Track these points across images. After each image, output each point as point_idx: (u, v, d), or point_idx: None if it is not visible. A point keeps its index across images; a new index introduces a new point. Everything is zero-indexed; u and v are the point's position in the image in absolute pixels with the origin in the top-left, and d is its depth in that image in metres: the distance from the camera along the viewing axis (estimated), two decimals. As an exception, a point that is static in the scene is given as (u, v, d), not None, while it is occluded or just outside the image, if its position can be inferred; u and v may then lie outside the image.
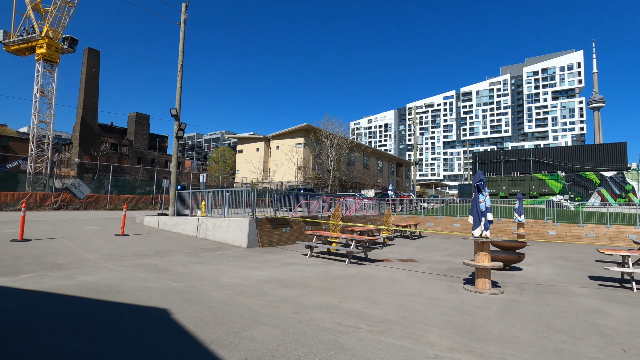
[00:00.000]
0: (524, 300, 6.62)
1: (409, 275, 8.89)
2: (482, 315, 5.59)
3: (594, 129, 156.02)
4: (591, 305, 6.42)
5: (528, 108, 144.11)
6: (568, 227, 18.23)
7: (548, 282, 8.48)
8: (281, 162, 51.04)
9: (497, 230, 20.02)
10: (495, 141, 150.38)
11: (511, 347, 4.32)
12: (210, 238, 13.77)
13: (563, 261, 11.94)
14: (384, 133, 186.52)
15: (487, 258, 7.28)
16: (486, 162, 44.90)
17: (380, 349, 4.08)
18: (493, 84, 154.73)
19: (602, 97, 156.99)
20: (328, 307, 5.78)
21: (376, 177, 67.35)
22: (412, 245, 15.83)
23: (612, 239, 17.06)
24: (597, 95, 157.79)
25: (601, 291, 7.57)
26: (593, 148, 38.99)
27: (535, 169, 40.83)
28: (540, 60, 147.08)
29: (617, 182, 30.86)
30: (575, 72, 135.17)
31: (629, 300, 6.84)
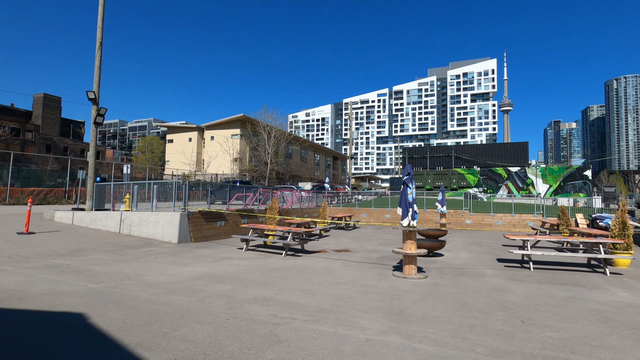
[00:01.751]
0: (445, 283, 7.29)
1: (344, 265, 9.21)
2: (408, 299, 6.03)
3: (503, 129, 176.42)
4: (498, 284, 7.31)
5: (451, 108, 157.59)
6: (481, 217, 20.46)
7: (464, 265, 9.44)
8: (216, 153, 49.02)
9: (423, 220, 21.68)
10: (423, 138, 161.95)
11: (432, 325, 4.73)
12: (135, 234, 12.74)
13: (477, 247, 13.36)
14: (321, 127, 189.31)
15: (413, 246, 7.85)
16: (414, 157, 48.27)
17: (315, 337, 4.18)
18: (422, 84, 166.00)
19: (511, 101, 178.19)
20: (264, 300, 5.75)
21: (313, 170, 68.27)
22: (347, 236, 16.41)
23: (516, 225, 19.58)
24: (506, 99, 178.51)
25: (506, 271, 8.65)
26: (502, 146, 44.25)
27: (455, 164, 45.04)
28: (461, 65, 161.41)
29: (521, 177, 35.50)
30: (489, 78, 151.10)
31: (527, 278, 7.92)
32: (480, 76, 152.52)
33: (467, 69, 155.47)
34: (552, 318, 5.14)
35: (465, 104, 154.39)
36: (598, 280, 7.70)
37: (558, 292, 6.68)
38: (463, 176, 39.25)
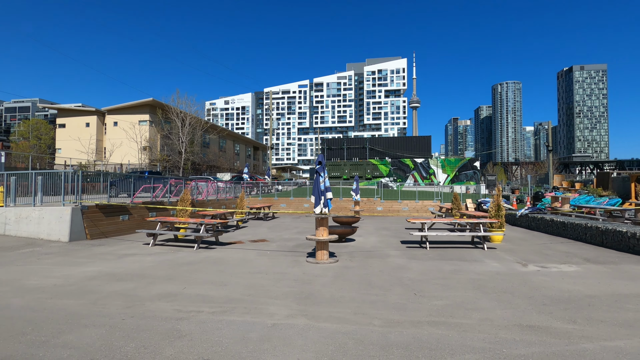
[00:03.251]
0: (353, 266, 7.78)
1: (259, 254, 9.19)
2: (319, 283, 6.29)
3: (412, 124, 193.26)
4: (399, 263, 8.07)
5: (367, 103, 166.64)
6: (391, 204, 22.26)
7: (373, 248, 10.19)
8: (120, 141, 44.09)
9: (339, 208, 22.73)
10: (342, 130, 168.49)
11: (338, 305, 5.03)
12: (12, 234, 10.85)
13: (385, 231, 14.51)
14: (241, 116, 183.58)
15: (325, 232, 8.19)
16: (332, 148, 50.07)
17: (221, 328, 4.11)
18: (340, 78, 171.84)
19: (419, 99, 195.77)
20: (169, 295, 5.44)
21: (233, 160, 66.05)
22: (265, 226, 16.37)
23: (419, 211, 21.78)
24: (415, 97, 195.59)
25: (407, 252, 9.59)
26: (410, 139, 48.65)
27: (370, 155, 48.06)
28: (377, 62, 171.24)
29: (425, 167, 39.56)
30: (400, 76, 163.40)
31: (424, 256, 8.91)
32: (393, 74, 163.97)
33: (381, 66, 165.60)
34: (439, 289, 5.88)
35: (380, 99, 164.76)
36: (478, 255, 9.03)
37: (446, 266, 7.66)
38: (376, 166, 42.10)
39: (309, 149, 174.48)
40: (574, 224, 11.43)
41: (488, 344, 3.72)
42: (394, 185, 34.73)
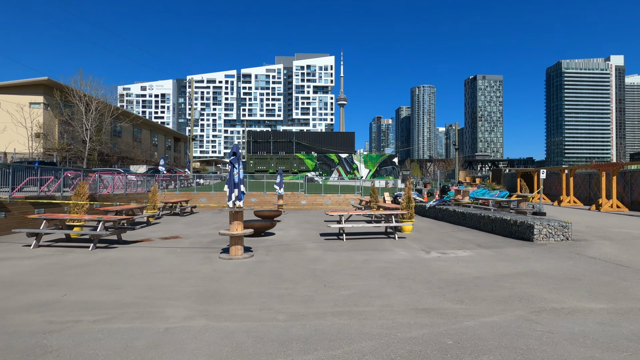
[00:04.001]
0: (268, 260, 7.60)
1: (168, 252, 8.47)
2: (228, 280, 5.97)
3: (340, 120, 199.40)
4: (315, 255, 8.12)
5: (296, 97, 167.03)
6: (314, 197, 22.58)
7: (292, 242, 10.12)
8: (4, 125, 37.27)
9: (263, 202, 22.33)
10: (270, 123, 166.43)
11: (244, 302, 4.80)
12: None
13: (307, 224, 14.61)
14: (161, 104, 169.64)
15: (240, 226, 7.85)
16: (259, 142, 49.09)
17: (101, 338, 3.59)
18: (269, 70, 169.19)
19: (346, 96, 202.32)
20: (44, 304, 4.63)
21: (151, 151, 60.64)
22: (181, 221, 15.28)
23: (341, 204, 22.48)
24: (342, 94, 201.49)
25: (325, 244, 9.72)
26: (335, 135, 50.02)
27: (297, 150, 48.25)
28: (306, 58, 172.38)
29: (349, 162, 41.12)
30: (328, 73, 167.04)
31: (339, 247, 9.11)
32: (321, 70, 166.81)
33: (310, 61, 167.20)
34: (348, 279, 6.01)
35: (309, 95, 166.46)
36: (389, 244, 9.54)
37: (359, 256, 7.92)
38: (303, 161, 42.45)
39: (236, 141, 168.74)
40: (471, 214, 12.80)
41: (385, 329, 3.85)
42: (320, 180, 35.39)
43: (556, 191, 24.83)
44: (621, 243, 8.95)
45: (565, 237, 9.37)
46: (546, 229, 9.41)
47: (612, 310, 4.40)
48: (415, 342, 3.52)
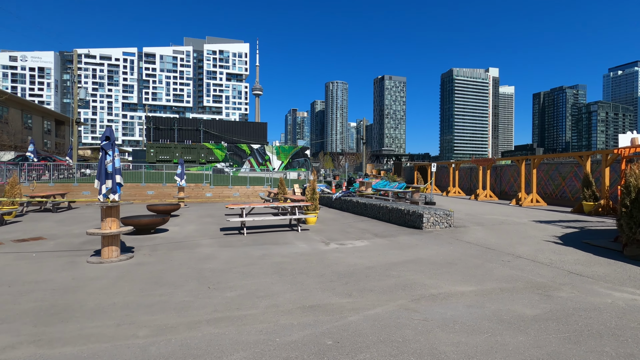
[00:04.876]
0: (150, 261, 6.64)
1: (17, 258, 6.83)
2: (88, 289, 4.96)
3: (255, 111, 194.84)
4: (208, 253, 7.41)
5: (207, 83, 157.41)
6: (221, 189, 21.35)
7: (185, 239, 9.17)
8: None
9: (162, 195, 20.28)
10: (178, 110, 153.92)
11: (100, 317, 3.96)
12: None
13: (209, 218, 13.58)
14: (39, 79, 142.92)
15: (115, 224, 6.71)
16: (161, 128, 44.69)
17: None
18: (177, 52, 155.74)
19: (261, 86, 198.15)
20: None
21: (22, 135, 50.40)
22: (53, 219, 12.81)
23: (250, 196, 21.71)
24: (258, 84, 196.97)
25: (223, 239, 9.03)
26: (247, 125, 48.38)
27: (204, 139, 45.31)
28: (218, 42, 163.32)
29: (261, 153, 40.20)
30: (243, 61, 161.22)
31: (238, 243, 8.53)
32: (235, 57, 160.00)
33: (223, 46, 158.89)
34: (238, 278, 5.53)
35: (221, 82, 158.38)
36: (291, 237, 9.31)
37: (256, 252, 7.48)
38: (211, 151, 40.05)
39: (137, 128, 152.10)
40: (372, 204, 13.41)
41: (264, 335, 3.49)
42: (231, 171, 33.83)
43: (445, 183, 27.96)
44: (491, 228, 10.24)
45: (448, 224, 10.35)
46: (433, 217, 10.25)
47: (479, 292, 4.78)
48: (293, 347, 3.23)
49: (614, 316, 3.93)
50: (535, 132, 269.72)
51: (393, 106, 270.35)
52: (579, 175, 16.40)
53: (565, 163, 17.86)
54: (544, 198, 17.86)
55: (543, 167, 18.86)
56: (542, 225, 10.76)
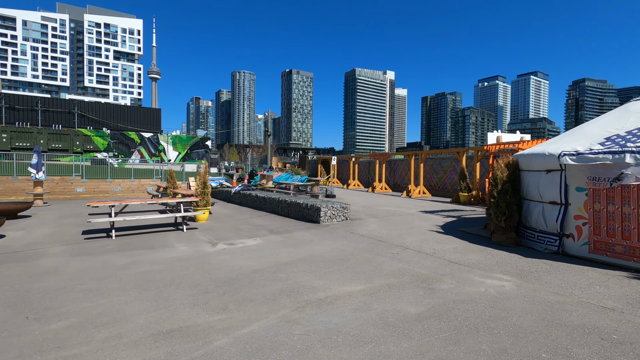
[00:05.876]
0: (-51, 284, 4.79)
1: None
2: None
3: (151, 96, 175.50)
4: (50, 265, 5.77)
5: (89, 61, 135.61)
6: (97, 183, 18.14)
7: (26, 247, 7.14)
8: None
9: (14, 190, 16.25)
10: (51, 89, 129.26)
11: None
12: None
13: (74, 219, 11.17)
14: None
15: None
16: (18, 109, 36.33)
17: None
18: (47, 19, 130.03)
19: (159, 70, 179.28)
20: None
21: None
22: None
23: (135, 191, 18.98)
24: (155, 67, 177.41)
25: (81, 245, 7.29)
26: (136, 110, 42.74)
27: (80, 124, 38.48)
28: (102, 13, 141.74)
29: (153, 143, 35.91)
30: (135, 39, 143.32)
31: (100, 249, 6.95)
32: (125, 33, 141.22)
33: (109, 20, 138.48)
34: (81, 299, 4.26)
35: (108, 60, 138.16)
36: (172, 238, 8.04)
37: (120, 260, 6.12)
38: (90, 138, 34.14)
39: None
40: (271, 198, 12.76)
41: (83, 387, 2.50)
42: (115, 162, 29.33)
43: (346, 176, 29.02)
44: (384, 220, 10.57)
45: (345, 217, 10.33)
46: (330, 210, 10.10)
47: (368, 291, 4.52)
48: (121, 402, 2.34)
49: (487, 306, 4.01)
50: (423, 132, 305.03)
51: (301, 100, 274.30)
52: (457, 169, 18.46)
53: (446, 158, 19.97)
54: (429, 190, 19.71)
55: (429, 162, 20.80)
56: (427, 215, 11.58)
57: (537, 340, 3.19)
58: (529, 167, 7.24)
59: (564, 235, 6.35)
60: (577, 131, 7.29)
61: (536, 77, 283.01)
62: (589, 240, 5.99)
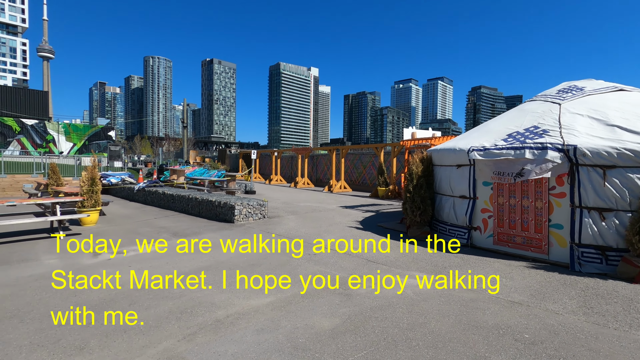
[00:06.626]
0: None
1: None
2: None
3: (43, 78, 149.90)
4: None
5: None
6: (-51, 180, 14.36)
7: None
8: None
9: None
10: None
11: None
12: None
13: None
14: None
15: None
16: None
17: None
18: None
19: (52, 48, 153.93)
20: None
21: None
22: None
23: (6, 189, 15.55)
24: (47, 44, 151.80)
25: None
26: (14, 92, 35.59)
27: None
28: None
29: (39, 132, 30.27)
30: (18, 8, 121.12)
31: None
32: (5, 1, 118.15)
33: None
34: None
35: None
36: (41, 249, 6.42)
37: (-52, 284, 4.52)
38: (-54, 124, 27.18)
39: None
40: (181, 196, 11.39)
41: None
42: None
43: (269, 171, 28.14)
44: (303, 217, 10.11)
45: (262, 215, 9.60)
46: (246, 208, 9.27)
47: (277, 304, 3.91)
48: None
49: (405, 311, 3.71)
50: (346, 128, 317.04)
51: (223, 92, 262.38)
52: (376, 164, 19.00)
53: (366, 154, 20.45)
54: (350, 184, 19.99)
55: (350, 157, 21.10)
56: (347, 210, 11.47)
57: (457, 350, 2.93)
58: (442, 162, 7.39)
59: (472, 228, 6.57)
60: (482, 128, 7.66)
61: (443, 82, 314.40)
62: (494, 233, 6.25)
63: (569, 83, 7.60)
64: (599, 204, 5.10)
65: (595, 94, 6.62)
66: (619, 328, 3.32)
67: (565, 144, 5.35)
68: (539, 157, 5.44)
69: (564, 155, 5.31)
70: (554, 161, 5.32)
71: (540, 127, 6.09)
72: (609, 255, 5.01)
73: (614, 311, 3.70)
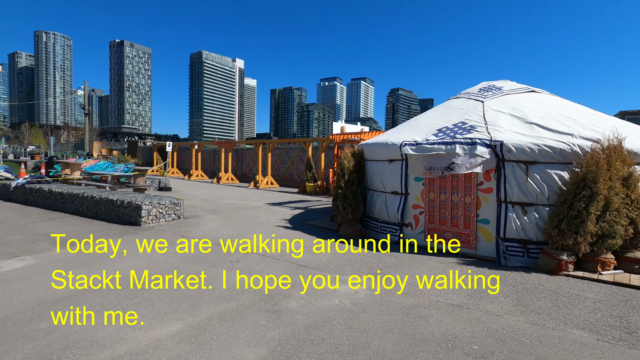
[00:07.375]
0: None
1: None
2: None
3: None
4: None
5: None
6: None
7: None
8: None
9: None
10: None
11: None
12: None
13: None
14: None
15: None
16: None
17: None
18: None
19: None
20: None
21: None
22: None
23: None
24: None
25: None
26: None
27: None
28: None
29: None
30: None
31: None
32: None
33: None
34: None
35: None
36: None
37: None
38: None
39: None
40: (73, 194, 9.44)
41: None
42: None
43: (188, 165, 25.86)
44: (226, 216, 9.11)
45: (177, 215, 8.37)
46: (157, 208, 7.96)
47: (188, 332, 3.06)
48: None
49: (344, 328, 3.18)
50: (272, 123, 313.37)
51: (136, 78, 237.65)
52: (304, 159, 18.56)
53: (293, 148, 19.88)
54: (277, 180, 19.25)
55: (277, 152, 20.32)
56: (275, 208, 10.75)
57: (407, 377, 2.47)
58: (373, 157, 7.13)
59: (404, 225, 6.41)
60: (412, 123, 7.61)
61: (365, 82, 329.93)
62: (425, 229, 6.16)
63: (488, 83, 7.94)
64: (522, 198, 5.24)
65: (512, 94, 6.95)
66: (556, 327, 3.24)
67: (492, 140, 5.40)
68: (469, 152, 5.41)
69: (492, 151, 5.35)
70: (482, 156, 5.34)
71: (468, 122, 6.14)
72: (530, 249, 5.18)
73: (546, 307, 3.68)
